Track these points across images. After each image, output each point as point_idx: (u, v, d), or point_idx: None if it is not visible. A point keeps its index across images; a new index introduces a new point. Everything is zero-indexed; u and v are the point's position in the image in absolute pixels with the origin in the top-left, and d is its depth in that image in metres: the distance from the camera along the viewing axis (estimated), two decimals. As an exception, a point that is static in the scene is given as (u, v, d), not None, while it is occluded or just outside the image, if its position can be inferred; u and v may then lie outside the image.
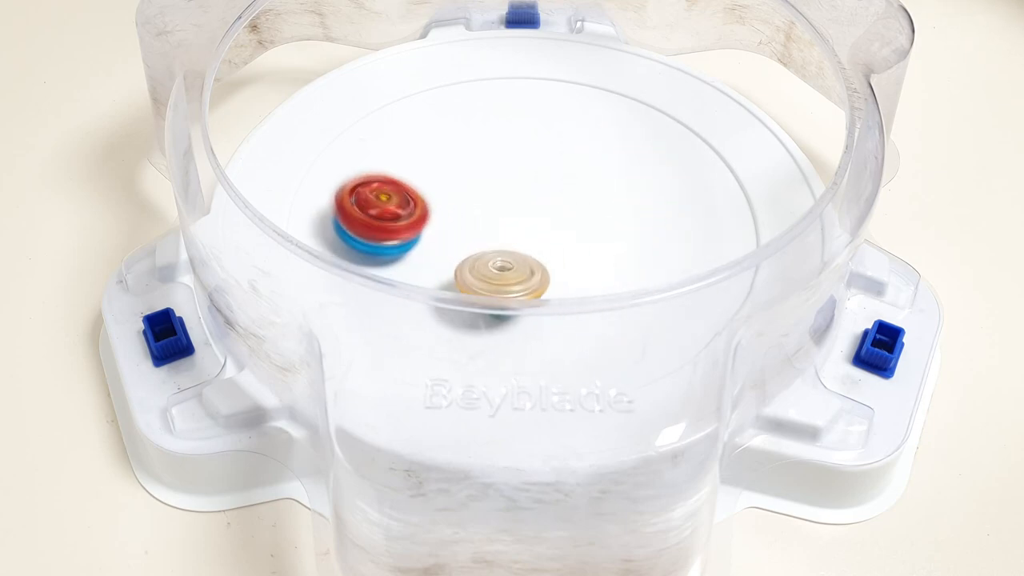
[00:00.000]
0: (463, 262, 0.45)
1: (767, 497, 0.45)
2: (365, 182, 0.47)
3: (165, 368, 0.46)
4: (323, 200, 0.49)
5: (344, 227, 0.46)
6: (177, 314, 0.47)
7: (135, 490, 0.46)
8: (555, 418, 0.40)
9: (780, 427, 0.44)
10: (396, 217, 0.46)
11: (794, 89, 0.56)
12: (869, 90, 0.47)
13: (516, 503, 0.38)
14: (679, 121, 0.53)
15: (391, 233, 0.46)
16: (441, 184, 0.50)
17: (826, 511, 0.45)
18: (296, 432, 0.44)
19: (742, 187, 0.50)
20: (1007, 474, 0.47)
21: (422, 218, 0.46)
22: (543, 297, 0.44)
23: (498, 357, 0.42)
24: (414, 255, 0.47)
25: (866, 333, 0.47)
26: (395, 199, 0.46)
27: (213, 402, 0.44)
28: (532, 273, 0.44)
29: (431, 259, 0.47)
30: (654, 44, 0.57)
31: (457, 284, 0.44)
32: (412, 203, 0.47)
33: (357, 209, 0.46)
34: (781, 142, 0.52)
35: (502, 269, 0.44)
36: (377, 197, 0.46)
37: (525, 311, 0.41)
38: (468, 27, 0.58)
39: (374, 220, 0.46)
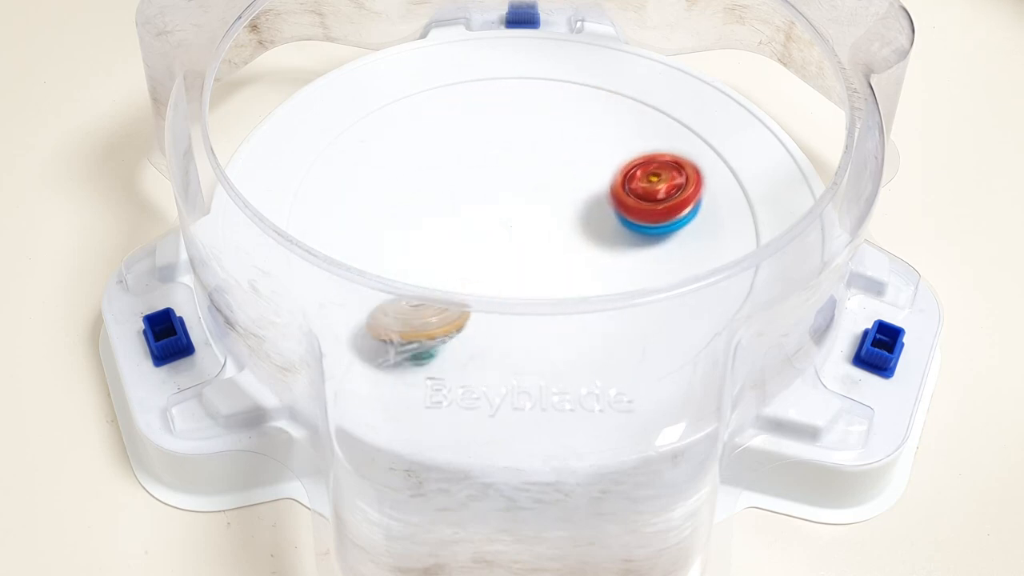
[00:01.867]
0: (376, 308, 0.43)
1: (767, 497, 0.45)
2: (630, 171, 0.48)
3: (165, 368, 0.46)
4: (323, 200, 0.49)
5: (634, 221, 0.47)
6: (177, 314, 0.47)
7: (135, 490, 0.46)
8: (555, 418, 0.40)
9: (780, 427, 0.44)
10: (678, 190, 0.47)
11: (794, 89, 0.56)
12: (869, 90, 0.47)
13: (516, 503, 0.38)
14: (679, 121, 0.53)
15: (681, 207, 0.47)
16: (441, 184, 0.50)
17: (826, 511, 0.45)
18: (296, 432, 0.44)
19: (742, 187, 0.50)
20: (1007, 474, 0.47)
21: (698, 180, 0.47)
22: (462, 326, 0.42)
23: (498, 357, 0.42)
24: (415, 254, 0.47)
25: (866, 333, 0.47)
26: (664, 175, 0.47)
27: (213, 402, 0.44)
28: (681, 169, 0.46)
29: (431, 259, 0.47)
30: (654, 44, 0.57)
31: (369, 329, 0.42)
32: (680, 169, 0.47)
33: (639, 200, 0.47)
34: (781, 142, 0.52)
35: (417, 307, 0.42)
36: (648, 180, 0.47)
37: (525, 311, 0.41)
38: (468, 27, 0.58)
39: (660, 204, 0.47)
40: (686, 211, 0.47)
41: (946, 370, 0.49)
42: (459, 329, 0.42)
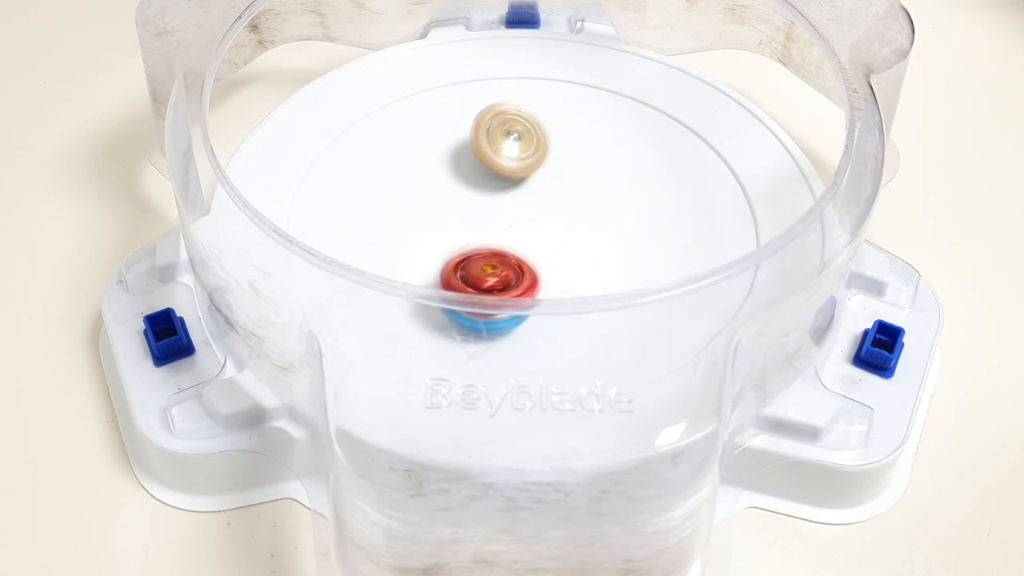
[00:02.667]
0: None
1: (767, 497, 0.45)
2: (466, 258, 0.45)
3: (165, 368, 0.46)
4: (323, 200, 0.49)
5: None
6: (177, 314, 0.47)
7: (135, 490, 0.46)
8: (555, 418, 0.40)
9: (780, 427, 0.44)
10: (507, 286, 0.44)
11: (794, 89, 0.56)
12: (869, 90, 0.47)
13: (516, 503, 0.38)
14: (679, 121, 0.53)
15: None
16: (441, 184, 0.50)
17: (826, 511, 0.45)
18: (296, 432, 0.44)
19: (742, 187, 0.50)
20: (1007, 474, 0.47)
21: (532, 283, 0.44)
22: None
23: (498, 357, 0.42)
24: (415, 254, 0.47)
25: (866, 333, 0.47)
26: (500, 270, 0.44)
27: (213, 402, 0.44)
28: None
29: (432, 258, 0.47)
30: (654, 44, 0.57)
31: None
32: (519, 270, 0.44)
33: (466, 286, 0.43)
34: (781, 142, 0.52)
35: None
36: (483, 270, 0.44)
37: (525, 311, 0.41)
38: (468, 27, 0.58)
39: (486, 294, 0.43)
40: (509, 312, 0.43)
41: (946, 370, 0.49)
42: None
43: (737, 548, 0.44)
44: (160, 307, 0.47)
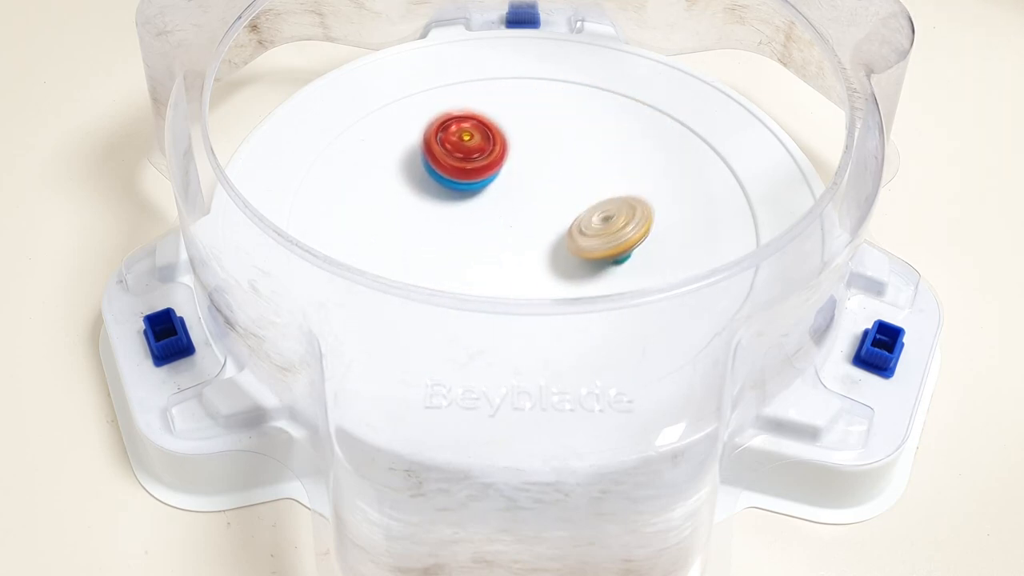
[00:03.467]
0: (572, 226, 0.47)
1: (767, 497, 0.45)
2: (447, 120, 0.49)
3: (165, 368, 0.46)
4: (323, 200, 0.49)
5: (433, 167, 0.49)
6: (177, 314, 0.47)
7: (135, 490, 0.46)
8: (555, 418, 0.40)
9: (780, 427, 0.44)
10: (480, 154, 0.49)
11: (794, 89, 0.56)
12: (869, 90, 0.47)
13: (516, 503, 0.38)
14: (679, 121, 0.53)
15: (477, 173, 0.49)
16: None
17: (826, 511, 0.45)
18: (296, 432, 0.44)
19: (742, 187, 0.50)
20: (1007, 474, 0.47)
21: (501, 155, 0.49)
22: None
23: (498, 357, 0.42)
24: (417, 253, 0.47)
25: (866, 333, 0.47)
26: (477, 137, 0.49)
27: (213, 402, 0.44)
28: (634, 211, 0.46)
29: (431, 258, 0.47)
30: (654, 44, 0.57)
31: (572, 248, 0.46)
32: (492, 140, 0.49)
33: (444, 150, 0.49)
34: (781, 142, 0.52)
35: (605, 219, 0.46)
36: (460, 137, 0.49)
37: (525, 311, 0.41)
38: (468, 27, 0.58)
39: (460, 162, 0.49)
40: (478, 179, 0.49)
41: (946, 370, 0.49)
42: (649, 228, 0.46)
43: (737, 548, 0.44)
44: (160, 307, 0.47)
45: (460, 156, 0.49)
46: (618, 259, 0.47)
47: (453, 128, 0.49)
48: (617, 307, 0.40)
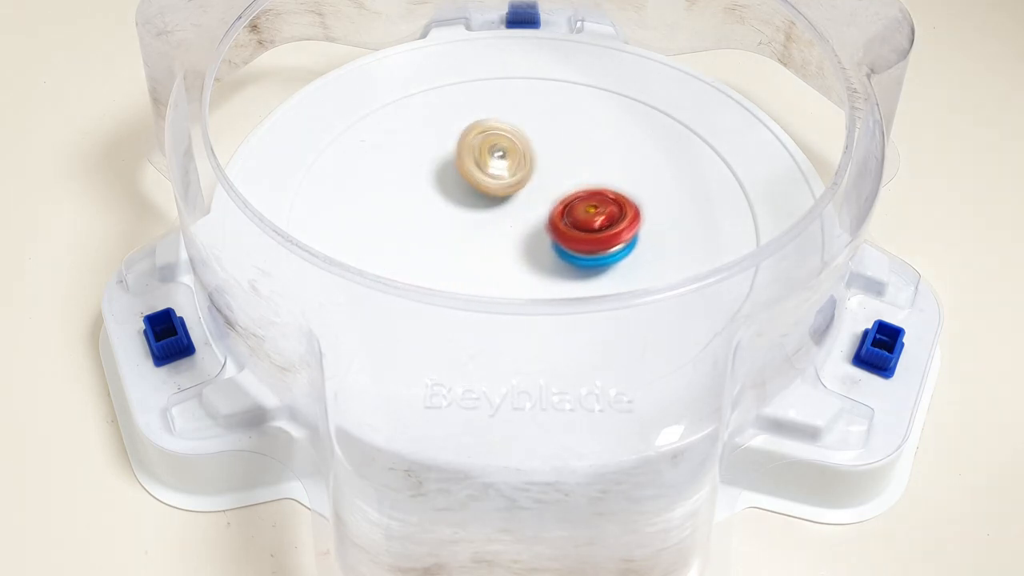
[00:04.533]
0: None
1: (767, 497, 0.45)
2: (571, 201, 0.47)
3: (165, 368, 0.46)
4: (323, 200, 0.49)
5: (566, 249, 0.46)
6: (177, 314, 0.47)
7: (135, 490, 0.46)
8: (555, 418, 0.40)
9: (780, 427, 0.44)
10: (612, 223, 0.46)
11: (794, 89, 0.56)
12: (869, 90, 0.47)
13: (516, 503, 0.38)
14: (679, 121, 0.53)
15: (612, 241, 0.46)
16: (441, 184, 0.50)
17: (826, 511, 0.45)
18: (296, 432, 0.44)
19: (742, 187, 0.50)
20: (1007, 474, 0.47)
21: (635, 216, 0.46)
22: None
23: (498, 357, 0.42)
24: (415, 254, 0.47)
25: (866, 333, 0.47)
26: (603, 208, 0.46)
27: (213, 402, 0.44)
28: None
29: (431, 258, 0.47)
30: (654, 44, 0.57)
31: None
32: (620, 207, 0.47)
33: (574, 229, 0.46)
34: (781, 142, 0.52)
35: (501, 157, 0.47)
36: (587, 211, 0.46)
37: (525, 311, 0.41)
38: (468, 27, 0.58)
39: (593, 235, 0.46)
40: (620, 245, 0.46)
41: (946, 370, 0.49)
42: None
43: (737, 548, 0.44)
44: (160, 307, 0.47)
45: (590, 231, 0.46)
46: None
47: (580, 207, 0.47)
48: (617, 307, 0.40)
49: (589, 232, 0.46)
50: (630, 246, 0.46)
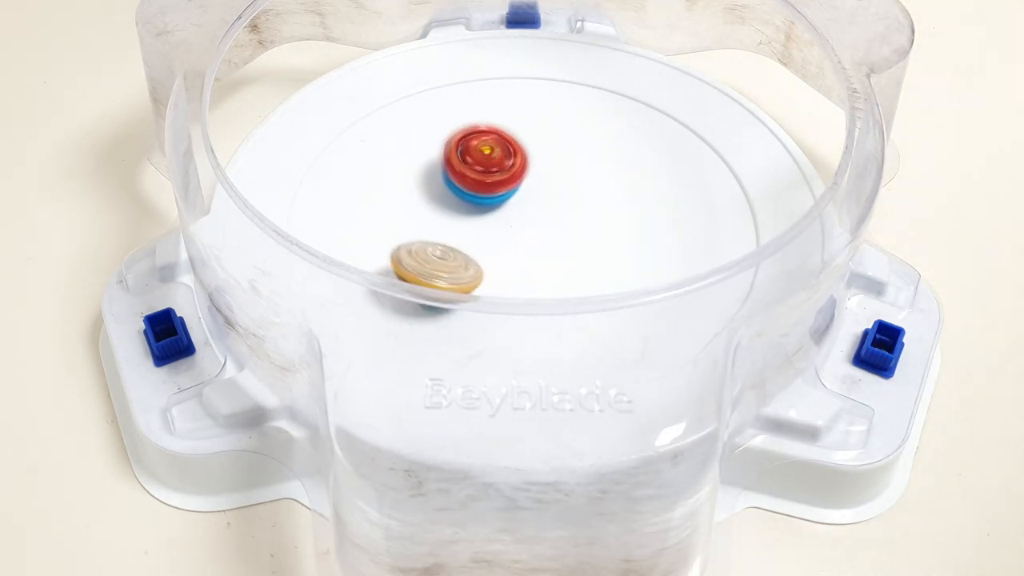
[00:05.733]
0: (400, 247, 0.45)
1: (767, 497, 0.45)
2: (469, 134, 0.49)
3: (165, 368, 0.46)
4: (323, 200, 0.49)
5: (454, 181, 0.48)
6: (177, 314, 0.47)
7: (135, 490, 0.46)
8: (555, 418, 0.40)
9: (780, 427, 0.44)
10: (500, 169, 0.48)
11: (794, 89, 0.56)
12: (869, 90, 0.47)
13: (516, 503, 0.38)
14: (679, 121, 0.53)
15: (496, 186, 0.48)
16: (441, 184, 0.50)
17: (826, 511, 0.45)
18: (296, 432, 0.44)
19: (742, 187, 0.50)
20: (1007, 474, 0.47)
21: (522, 168, 0.48)
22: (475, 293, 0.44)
23: (498, 357, 0.42)
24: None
25: (866, 333, 0.47)
26: (498, 150, 0.48)
27: (213, 402, 0.44)
28: (467, 268, 0.45)
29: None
30: (654, 44, 0.57)
31: (393, 264, 0.44)
32: (513, 154, 0.48)
33: (464, 164, 0.48)
34: (781, 142, 0.52)
35: (441, 257, 0.45)
36: (480, 150, 0.48)
37: (525, 311, 0.41)
38: (468, 27, 0.58)
39: (480, 176, 0.48)
40: (498, 192, 0.48)
41: (946, 370, 0.49)
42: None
43: (737, 548, 0.44)
44: (160, 307, 0.47)
45: (480, 170, 0.48)
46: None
47: (474, 142, 0.48)
48: (617, 307, 0.40)
49: (487, 172, 0.48)
50: (512, 192, 0.49)
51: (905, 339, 0.47)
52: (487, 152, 0.48)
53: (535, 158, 0.51)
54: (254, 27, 0.56)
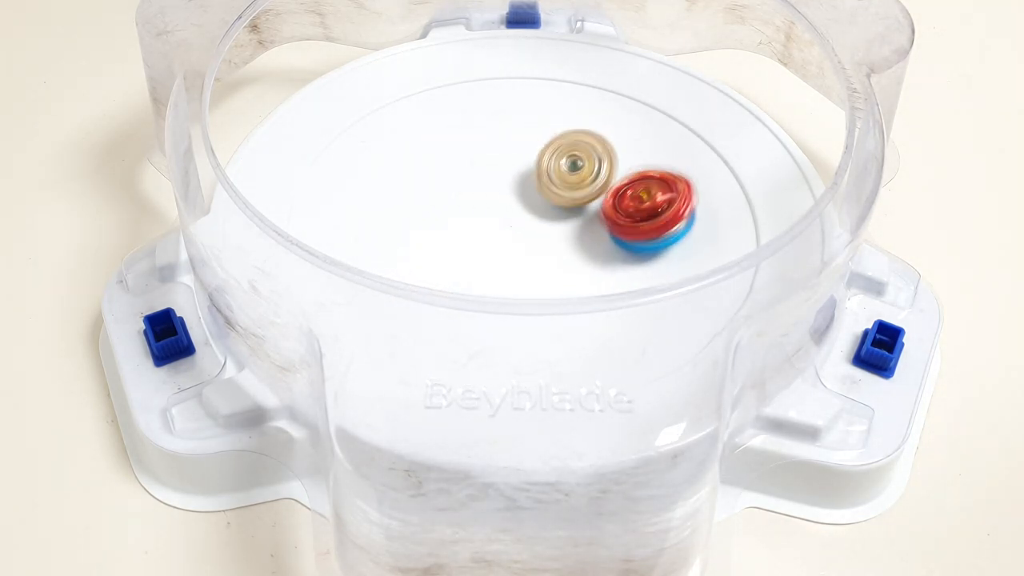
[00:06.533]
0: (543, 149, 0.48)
1: (767, 497, 0.45)
2: (620, 188, 0.47)
3: (165, 368, 0.46)
4: (323, 200, 0.49)
5: (624, 239, 0.46)
6: (177, 314, 0.47)
7: (135, 490, 0.46)
8: (555, 418, 0.40)
9: (780, 427, 0.44)
10: (667, 206, 0.46)
11: (794, 89, 0.56)
12: (869, 90, 0.47)
13: (516, 503, 0.38)
14: (679, 121, 0.53)
15: (670, 224, 0.46)
16: (441, 184, 0.50)
17: (826, 511, 0.45)
18: (296, 432, 0.44)
19: (742, 187, 0.50)
20: (1007, 474, 0.47)
21: (688, 192, 0.46)
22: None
23: (498, 357, 0.42)
24: (415, 254, 0.47)
25: (866, 333, 0.47)
26: (655, 190, 0.46)
27: (213, 402, 0.44)
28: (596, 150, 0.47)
29: (431, 258, 0.47)
30: (654, 44, 0.57)
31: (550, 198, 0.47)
32: (671, 185, 0.46)
33: (626, 217, 0.46)
34: (781, 142, 0.52)
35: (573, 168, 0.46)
36: (639, 198, 0.46)
37: (525, 311, 0.41)
38: (468, 27, 0.58)
39: (647, 222, 0.46)
40: (679, 226, 0.46)
41: (946, 370, 0.49)
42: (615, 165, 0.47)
43: (737, 548, 0.44)
44: (160, 307, 0.47)
45: (643, 218, 0.46)
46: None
47: (629, 192, 0.46)
48: (617, 307, 0.40)
49: (646, 220, 0.46)
50: (690, 223, 0.46)
51: (905, 339, 0.47)
52: (645, 197, 0.46)
53: (535, 158, 0.51)
54: (254, 27, 0.56)
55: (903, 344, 0.47)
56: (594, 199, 0.48)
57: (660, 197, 0.46)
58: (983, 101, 0.62)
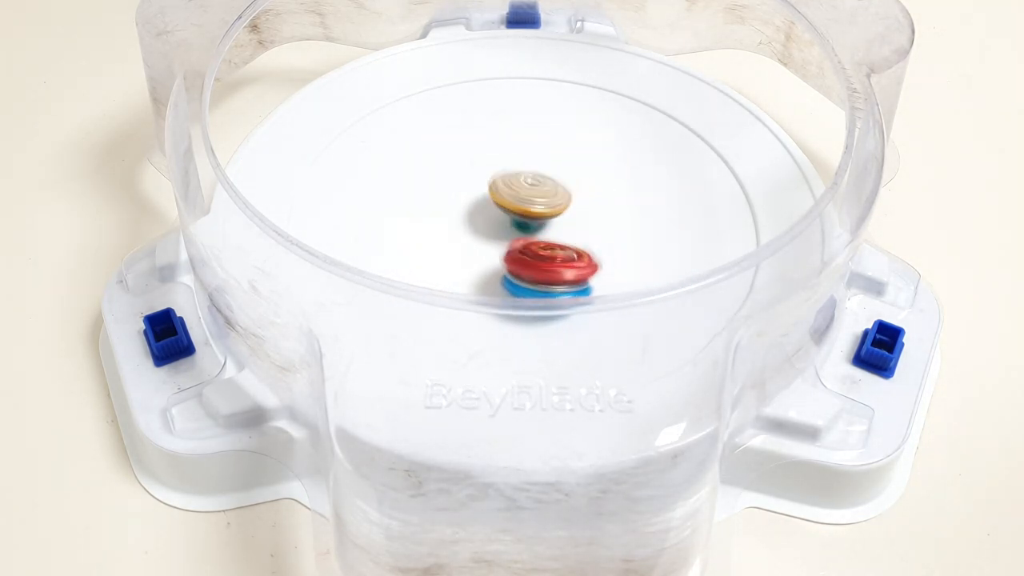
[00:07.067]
0: (496, 178, 0.47)
1: (767, 497, 0.45)
2: (529, 243, 0.45)
3: (165, 368, 0.46)
4: (323, 200, 0.49)
5: (513, 275, 0.44)
6: (177, 314, 0.47)
7: (135, 490, 0.46)
8: (555, 418, 0.40)
9: (780, 427, 0.44)
10: (568, 262, 0.44)
11: (794, 89, 0.56)
12: (869, 90, 0.47)
13: (516, 503, 0.38)
14: (679, 121, 0.53)
15: (563, 274, 0.44)
16: (441, 184, 0.50)
17: (826, 511, 0.45)
18: (296, 432, 0.44)
19: (742, 187, 0.50)
20: (1007, 474, 0.47)
21: (591, 266, 0.44)
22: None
23: (498, 357, 0.42)
24: (415, 254, 0.47)
25: (866, 333, 0.47)
26: (565, 251, 0.45)
27: (213, 402, 0.44)
28: (556, 193, 0.46)
29: (431, 258, 0.47)
30: (654, 44, 0.57)
31: (491, 193, 0.47)
32: (580, 256, 0.45)
33: (527, 256, 0.44)
34: (781, 142, 0.52)
35: (533, 184, 0.46)
36: (549, 247, 0.45)
37: (525, 311, 0.41)
38: (468, 27, 0.58)
39: (547, 264, 0.44)
40: (570, 275, 0.44)
41: (946, 370, 0.49)
42: (557, 215, 0.47)
43: (737, 548, 0.44)
44: (160, 307, 0.47)
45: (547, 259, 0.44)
46: (527, 224, 0.47)
47: (540, 245, 0.45)
48: (617, 307, 0.40)
49: (544, 262, 0.44)
50: (583, 291, 0.44)
51: (905, 339, 0.47)
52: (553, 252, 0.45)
53: (535, 158, 0.51)
54: (254, 27, 0.56)
55: (903, 344, 0.47)
56: (542, 216, 0.47)
57: (563, 255, 0.44)
58: (983, 101, 0.62)
